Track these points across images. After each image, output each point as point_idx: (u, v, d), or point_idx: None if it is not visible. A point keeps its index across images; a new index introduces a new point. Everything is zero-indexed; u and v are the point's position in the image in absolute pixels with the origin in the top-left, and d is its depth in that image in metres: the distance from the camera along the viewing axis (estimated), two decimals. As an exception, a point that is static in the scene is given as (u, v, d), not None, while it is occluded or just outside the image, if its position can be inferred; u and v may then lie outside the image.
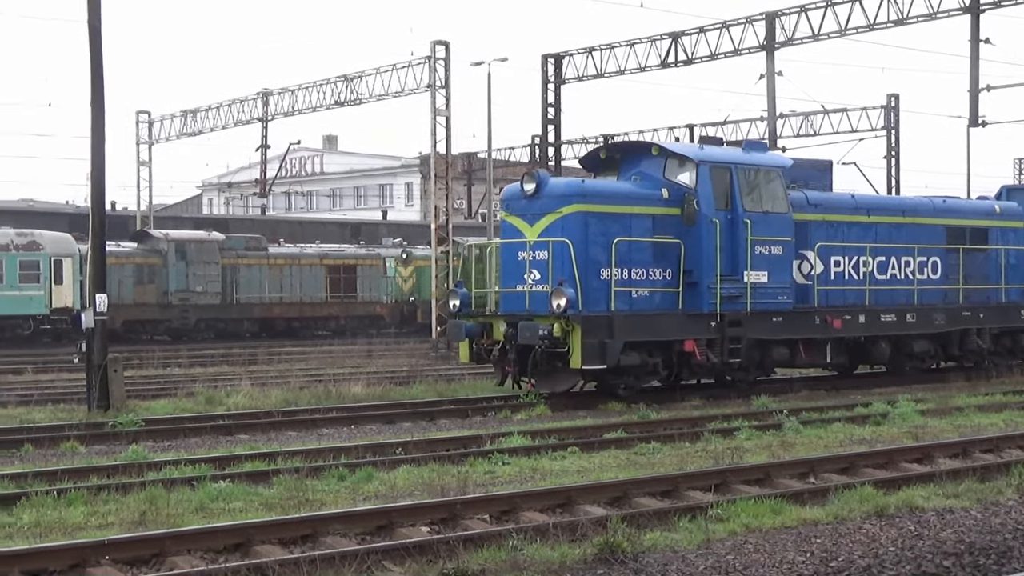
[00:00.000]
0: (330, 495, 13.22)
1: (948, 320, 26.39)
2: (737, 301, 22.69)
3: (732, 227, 22.54)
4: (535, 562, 9.79)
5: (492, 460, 15.52)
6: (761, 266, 22.99)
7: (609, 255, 21.39)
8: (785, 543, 10.53)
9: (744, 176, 22.91)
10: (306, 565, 9.65)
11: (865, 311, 24.99)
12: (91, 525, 11.58)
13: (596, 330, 20.98)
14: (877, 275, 25.57)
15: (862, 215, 25.88)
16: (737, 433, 18.03)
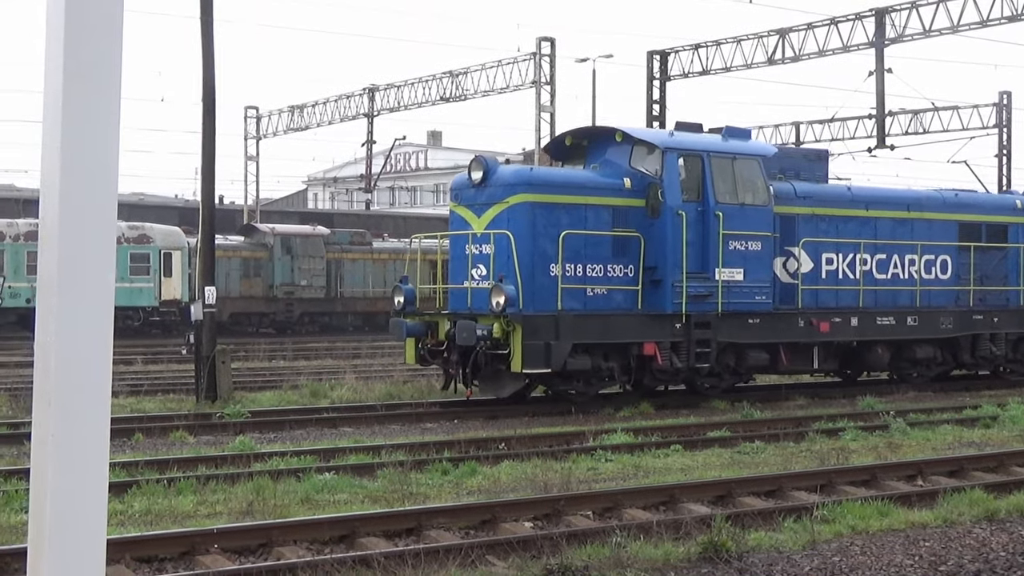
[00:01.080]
0: (433, 489, 13.28)
1: (957, 324, 24.42)
2: (706, 301, 20.98)
3: (703, 220, 20.87)
4: (638, 559, 9.75)
5: (595, 457, 15.49)
6: (736, 263, 21.26)
7: (572, 250, 19.99)
8: (892, 546, 10.37)
9: (718, 165, 21.13)
10: (411, 558, 9.69)
11: (858, 313, 23.18)
12: (200, 514, 11.72)
13: (539, 331, 19.39)
14: (876, 274, 23.80)
15: (860, 209, 23.97)
16: (843, 434, 17.77)
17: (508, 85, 49.54)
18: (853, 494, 12.73)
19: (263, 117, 65.30)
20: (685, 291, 20.44)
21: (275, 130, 64.67)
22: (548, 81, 47.38)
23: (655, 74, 48.01)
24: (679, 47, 47.61)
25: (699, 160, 20.93)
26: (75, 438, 2.04)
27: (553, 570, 9.37)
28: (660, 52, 47.97)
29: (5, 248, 43.39)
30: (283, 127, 64.00)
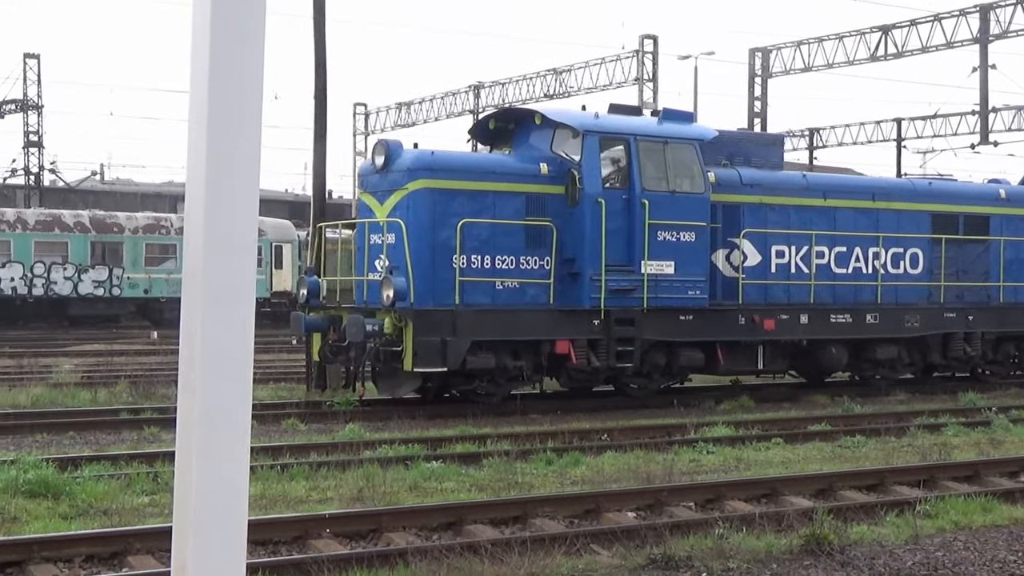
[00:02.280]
0: (538, 478, 13.33)
1: (925, 322, 22.20)
2: (630, 296, 19.14)
3: (628, 209, 19.03)
4: (741, 551, 9.74)
5: (697, 449, 15.44)
6: (665, 255, 19.25)
7: (472, 240, 18.41)
8: (996, 542, 10.25)
9: (647, 149, 19.23)
10: (517, 546, 9.75)
11: (808, 310, 21.00)
12: (312, 499, 11.89)
13: (434, 327, 17.78)
14: (835, 268, 21.62)
15: (816, 198, 21.68)
16: (944, 429, 17.53)
17: (611, 82, 49.51)
18: (956, 490, 12.61)
19: (371, 114, 66.08)
20: (604, 285, 18.77)
21: (383, 126, 65.21)
22: (651, 78, 47.30)
23: (757, 71, 47.80)
24: (781, 44, 47.35)
25: (625, 144, 19.21)
26: (218, 425, 2.11)
27: (656, 560, 9.40)
28: (762, 49, 47.74)
29: (124, 241, 44.16)
30: (391, 123, 64.53)
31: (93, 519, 10.85)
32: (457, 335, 17.70)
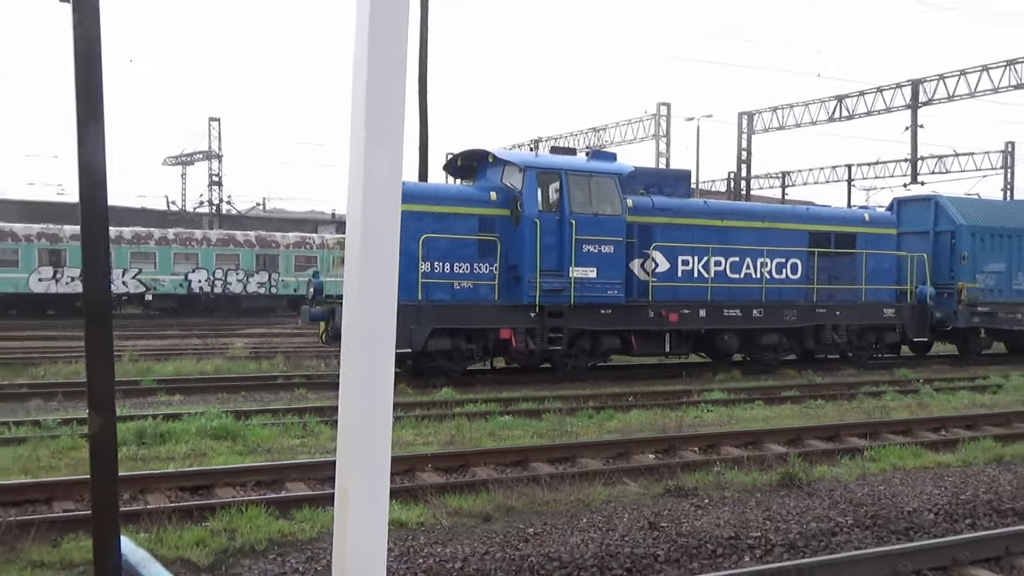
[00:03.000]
0: (582, 428, 13.33)
1: (801, 316, 21.30)
2: (560, 294, 18.33)
3: (559, 227, 18.31)
4: (733, 483, 9.75)
5: (699, 408, 15.35)
6: (588, 263, 18.53)
7: (428, 250, 17.63)
8: (924, 480, 10.16)
9: (575, 181, 18.45)
10: (568, 478, 9.78)
11: (706, 306, 20.13)
12: (417, 443, 11.93)
13: (402, 317, 16.81)
14: (730, 274, 20.69)
15: (715, 219, 20.68)
16: (884, 395, 17.26)
17: (635, 138, 49.56)
18: (893, 440, 12.47)
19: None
20: (539, 286, 18.04)
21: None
22: (664, 135, 47.27)
23: (744, 129, 47.47)
24: (762, 109, 46.98)
25: (557, 177, 18.46)
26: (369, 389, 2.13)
27: (671, 489, 9.40)
28: (748, 113, 47.40)
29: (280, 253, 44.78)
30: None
31: (259, 455, 11.02)
32: (420, 323, 17.30)
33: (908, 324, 22.74)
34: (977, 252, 23.74)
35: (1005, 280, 24.09)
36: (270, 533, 7.62)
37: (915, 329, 22.95)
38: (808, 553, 7.81)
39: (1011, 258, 24.12)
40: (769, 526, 8.37)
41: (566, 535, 7.84)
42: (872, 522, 8.68)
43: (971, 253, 23.65)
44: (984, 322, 23.90)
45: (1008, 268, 24.09)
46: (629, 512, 8.56)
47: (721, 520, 8.44)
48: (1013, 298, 24.16)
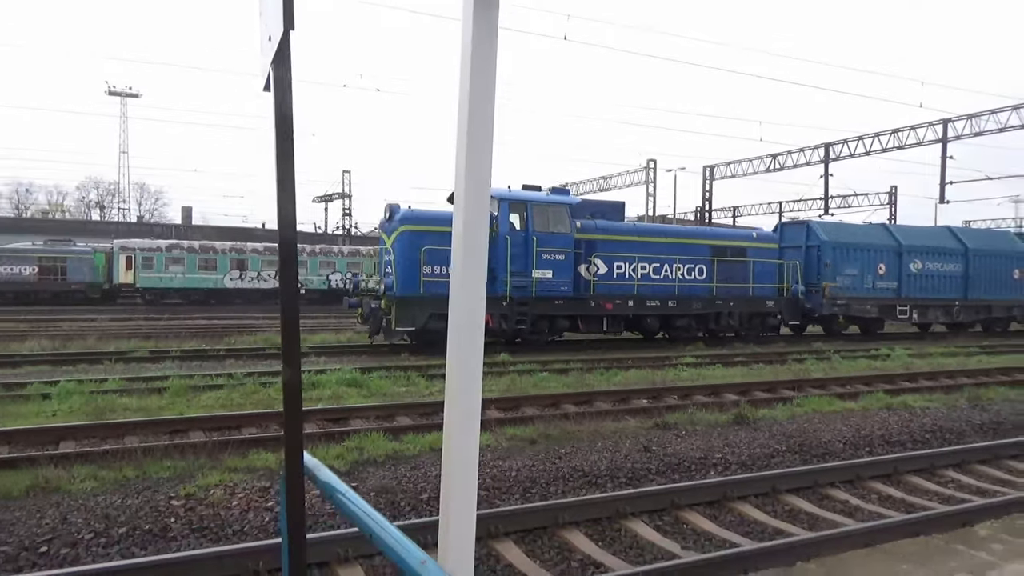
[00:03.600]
0: (596, 381, 13.20)
1: (704, 306, 20.43)
2: (525, 289, 17.68)
3: (525, 241, 17.70)
4: (701, 421, 9.58)
5: (677, 368, 15.16)
6: (546, 267, 17.92)
7: (430, 257, 16.81)
8: (835, 420, 9.91)
9: (537, 209, 17.86)
10: (587, 415, 9.72)
11: (633, 298, 19.28)
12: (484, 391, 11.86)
13: (407, 305, 16.67)
14: (653, 276, 19.81)
15: (641, 236, 19.94)
16: (806, 360, 16.96)
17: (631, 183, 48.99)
18: (813, 392, 12.20)
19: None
20: (509, 283, 17.42)
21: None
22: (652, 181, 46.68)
23: (706, 177, 46.83)
24: (720, 163, 46.29)
25: (524, 206, 17.83)
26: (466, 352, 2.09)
27: (659, 424, 9.28)
28: (710, 166, 46.76)
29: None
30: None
31: (378, 398, 11.06)
32: (421, 309, 16.63)
33: (785, 312, 22.15)
34: (837, 261, 23.42)
35: (858, 281, 23.78)
36: (386, 451, 7.66)
37: (790, 315, 22.42)
38: (755, 469, 7.69)
39: (863, 265, 23.87)
40: (728, 451, 8.24)
41: (587, 454, 7.80)
42: (799, 448, 8.52)
43: (832, 262, 23.31)
44: (841, 311, 23.50)
45: (860, 272, 23.81)
46: (630, 439, 8.48)
47: (694, 446, 8.33)
48: (864, 294, 23.83)
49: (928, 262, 24.97)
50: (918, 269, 24.68)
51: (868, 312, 23.85)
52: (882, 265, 24.13)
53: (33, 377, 12.28)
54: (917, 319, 24.94)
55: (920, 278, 24.75)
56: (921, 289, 24.78)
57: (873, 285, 23.95)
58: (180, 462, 7.10)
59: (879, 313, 24.03)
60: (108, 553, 5.20)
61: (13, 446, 7.74)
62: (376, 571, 5.01)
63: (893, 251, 24.34)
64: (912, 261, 24.61)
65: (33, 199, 76.41)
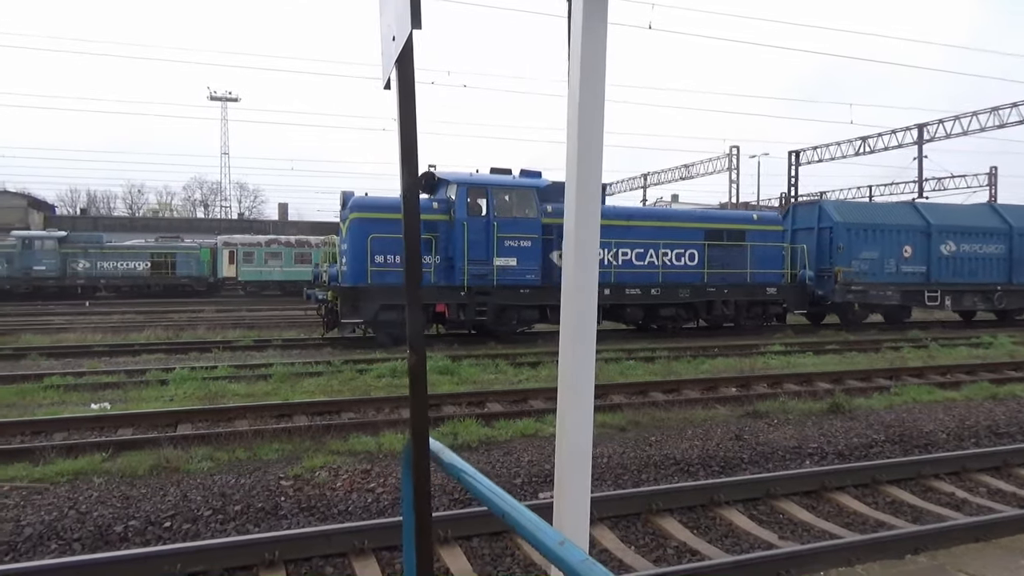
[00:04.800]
0: (684, 369, 12.97)
1: (693, 294, 18.58)
2: (485, 278, 16.48)
3: (486, 227, 16.47)
4: (794, 410, 9.29)
5: (766, 356, 14.73)
6: (509, 254, 16.64)
7: (382, 246, 15.86)
8: (936, 410, 9.44)
9: (498, 193, 16.62)
10: (676, 403, 9.58)
11: (610, 286, 17.68)
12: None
13: (353, 297, 15.62)
14: (636, 262, 18.18)
15: (623, 220, 18.22)
16: (902, 348, 16.21)
17: (714, 171, 47.88)
18: (911, 381, 11.64)
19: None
20: (467, 271, 16.29)
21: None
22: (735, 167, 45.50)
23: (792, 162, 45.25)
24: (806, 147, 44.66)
25: (484, 190, 16.57)
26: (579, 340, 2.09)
27: (749, 412, 9.07)
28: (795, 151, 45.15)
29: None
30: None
31: (468, 385, 11.17)
32: (369, 301, 15.72)
33: (789, 300, 20.06)
34: (852, 243, 21.11)
35: (878, 265, 21.35)
36: (479, 436, 7.75)
37: (795, 304, 20.26)
38: (853, 459, 7.41)
39: (884, 247, 21.45)
40: (823, 440, 7.97)
41: (677, 442, 7.69)
42: (899, 439, 8.15)
43: (846, 244, 21.03)
44: (857, 298, 21.16)
45: (881, 255, 21.42)
46: (721, 428, 8.31)
47: (787, 435, 8.10)
48: (884, 279, 21.40)
49: (963, 243, 22.23)
50: (951, 251, 22.06)
51: (889, 299, 21.43)
52: (908, 247, 21.60)
53: (151, 364, 13.02)
54: (951, 306, 22.25)
55: (953, 261, 22.10)
56: (955, 273, 22.11)
57: (897, 269, 21.47)
58: (287, 444, 7.39)
59: (902, 300, 21.60)
60: (225, 529, 5.47)
61: (136, 428, 8.24)
62: (473, 551, 5.09)
63: (921, 231, 21.86)
64: (943, 242, 21.98)
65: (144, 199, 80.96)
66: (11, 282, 36.96)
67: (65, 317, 24.97)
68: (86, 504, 5.74)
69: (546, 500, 5.56)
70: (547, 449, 7.30)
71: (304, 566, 4.78)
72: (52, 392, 10.36)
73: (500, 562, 4.96)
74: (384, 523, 5.07)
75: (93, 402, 9.79)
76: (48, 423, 8.16)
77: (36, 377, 11.31)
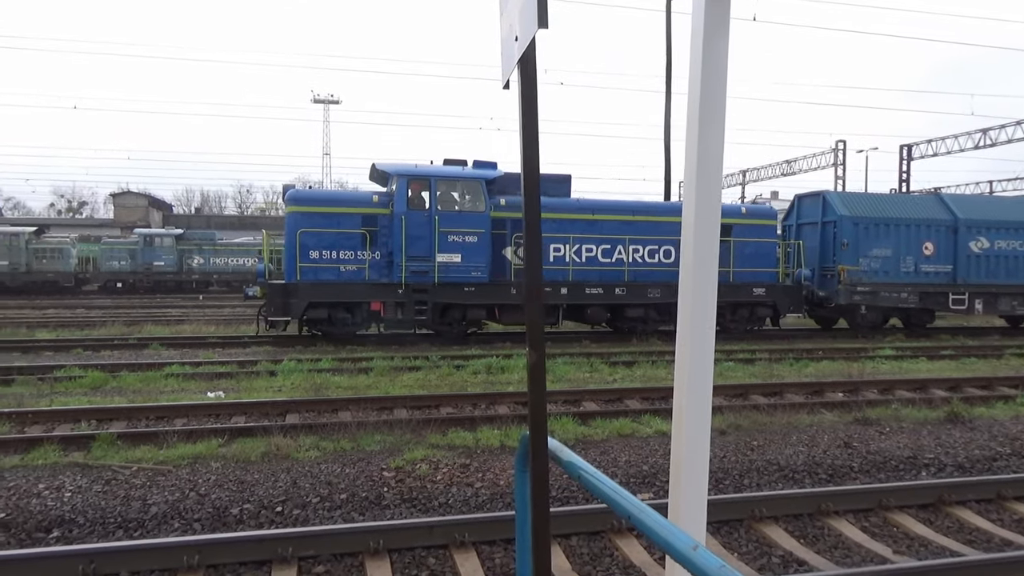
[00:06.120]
0: (786, 372, 12.56)
1: (664, 293, 17.01)
2: (426, 275, 15.61)
3: (428, 221, 15.58)
4: (907, 418, 8.82)
5: (875, 361, 14.06)
6: (452, 250, 15.72)
7: (317, 241, 15.28)
8: (1070, 421, 8.76)
9: (442, 185, 15.74)
10: (779, 407, 9.27)
11: (568, 285, 16.52)
12: (668, 378, 11.66)
13: (281, 293, 15.02)
14: (602, 259, 16.86)
15: (587, 214, 16.88)
16: (1028, 355, 15.15)
17: (818, 167, 46.03)
18: (1039, 390, 10.86)
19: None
20: (404, 268, 15.50)
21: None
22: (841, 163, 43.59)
23: (903, 156, 42.92)
24: (919, 140, 42.25)
25: (426, 182, 15.70)
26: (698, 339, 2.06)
27: (858, 419, 8.68)
28: (907, 144, 42.80)
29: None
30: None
31: (563, 383, 11.11)
32: (297, 298, 15.06)
33: (780, 301, 18.08)
34: (860, 239, 19.01)
35: (892, 263, 19.12)
36: (576, 435, 7.74)
37: (787, 306, 18.25)
38: (974, 472, 6.96)
39: (899, 244, 19.19)
40: (940, 450, 7.53)
41: (781, 448, 7.44)
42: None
43: (852, 240, 18.95)
44: (865, 300, 19.01)
45: (895, 252, 19.15)
46: (827, 434, 7.98)
47: (900, 444, 7.69)
48: (899, 279, 19.14)
49: (998, 239, 19.80)
50: (982, 248, 19.67)
51: (904, 301, 19.24)
52: (928, 244, 19.40)
53: (260, 356, 13.66)
54: (982, 310, 19.77)
55: (985, 259, 19.70)
56: (988, 273, 19.71)
57: (915, 268, 19.34)
58: (388, 436, 7.60)
59: (921, 302, 19.35)
60: (332, 516, 5.67)
61: (249, 416, 8.66)
62: (572, 550, 5.08)
63: (946, 226, 19.55)
64: (973, 239, 19.65)
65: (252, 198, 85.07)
66: (134, 276, 39.63)
67: (181, 310, 26.57)
68: (205, 487, 6.08)
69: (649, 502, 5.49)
70: (644, 450, 7.21)
71: (407, 555, 4.90)
72: (172, 380, 11.04)
73: (599, 562, 4.94)
74: (485, 517, 5.13)
75: (209, 390, 10.37)
76: (170, 409, 8.70)
77: (158, 366, 12.08)
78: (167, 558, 4.55)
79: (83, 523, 5.39)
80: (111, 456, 6.90)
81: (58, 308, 27.50)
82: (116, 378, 11.12)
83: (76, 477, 6.25)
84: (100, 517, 5.47)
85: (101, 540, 5.16)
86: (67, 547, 4.64)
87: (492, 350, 14.71)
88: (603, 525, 5.25)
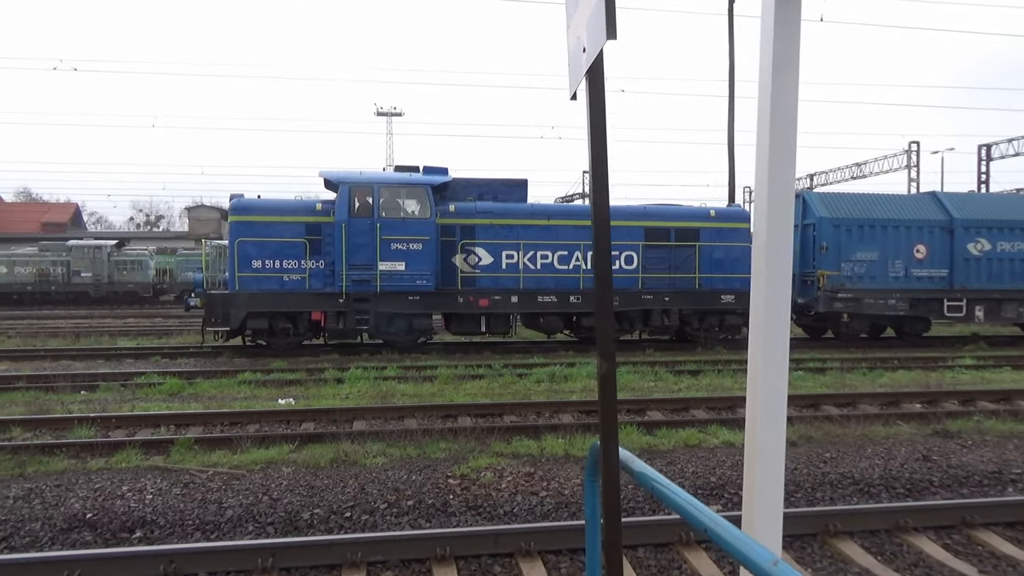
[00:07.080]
0: (859, 382, 12.15)
1: (624, 301, 16.20)
2: (368, 284, 15.17)
3: (371, 230, 15.15)
4: (991, 430, 8.44)
5: (954, 371, 13.48)
6: (396, 258, 15.23)
7: (259, 250, 14.96)
8: None
9: (385, 192, 15.22)
10: (852, 418, 8.98)
11: (518, 293, 15.85)
12: (734, 387, 11.44)
13: (219, 304, 14.86)
14: (558, 266, 16.08)
15: (541, 219, 16.08)
16: (1124, 366, 14.25)
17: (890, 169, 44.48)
18: None
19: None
20: (345, 277, 15.09)
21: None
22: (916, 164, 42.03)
23: (982, 157, 41.14)
24: (1000, 140, 40.43)
25: (370, 189, 15.19)
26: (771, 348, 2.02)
27: (938, 431, 8.34)
28: (986, 144, 41.03)
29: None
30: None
31: (626, 392, 11.00)
32: (235, 308, 14.86)
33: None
34: (842, 242, 17.66)
35: (879, 268, 17.72)
36: (641, 444, 7.66)
37: None
38: (1067, 489, 6.59)
39: (886, 247, 17.77)
40: (1028, 465, 7.16)
41: (855, 460, 7.19)
42: (1125, 468, 7.16)
43: (832, 243, 17.61)
44: (848, 308, 17.64)
45: (882, 256, 17.73)
46: (905, 447, 7.69)
47: (984, 458, 7.35)
48: (887, 285, 17.73)
49: (1000, 241, 18.35)
50: (982, 250, 18.24)
51: (892, 308, 17.84)
52: (920, 246, 18.03)
53: (327, 364, 13.98)
54: (983, 317, 18.29)
55: (987, 262, 18.28)
56: (989, 277, 18.28)
57: (905, 272, 17.99)
58: (453, 444, 7.67)
59: (911, 309, 18.03)
60: (399, 523, 5.75)
61: (318, 423, 8.87)
62: (639, 561, 5.03)
63: (940, 227, 18.14)
64: (972, 240, 18.23)
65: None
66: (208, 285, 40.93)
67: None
68: (277, 491, 6.25)
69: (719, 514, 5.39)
70: (711, 461, 7.08)
71: (473, 563, 4.93)
72: (245, 387, 11.40)
73: (667, 574, 4.87)
74: (551, 527, 5.13)
75: (280, 397, 10.66)
76: (243, 415, 8.98)
77: (231, 373, 12.49)
78: (243, 560, 4.69)
79: (163, 524, 5.61)
80: (189, 460, 7.17)
81: (138, 317, 28.74)
82: (192, 384, 11.54)
83: (157, 480, 6.51)
84: (179, 519, 5.68)
85: (180, 541, 5.36)
86: (150, 547, 4.84)
87: (555, 359, 14.68)
88: (671, 537, 5.18)
